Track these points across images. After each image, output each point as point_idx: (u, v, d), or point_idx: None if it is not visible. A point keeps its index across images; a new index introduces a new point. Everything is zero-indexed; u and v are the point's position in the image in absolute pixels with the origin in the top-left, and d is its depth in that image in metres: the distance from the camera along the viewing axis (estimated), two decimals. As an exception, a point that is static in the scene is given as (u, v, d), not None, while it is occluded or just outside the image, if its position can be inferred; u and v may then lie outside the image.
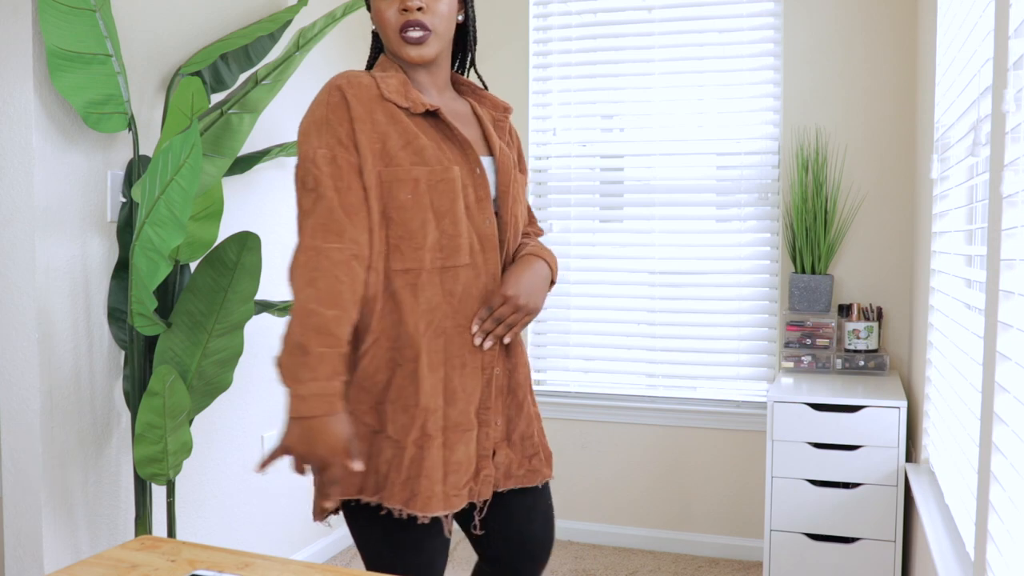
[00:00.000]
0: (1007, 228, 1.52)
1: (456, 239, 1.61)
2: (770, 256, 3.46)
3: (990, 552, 1.57)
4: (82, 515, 2.40)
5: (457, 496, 1.61)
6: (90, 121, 2.25)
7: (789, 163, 3.40)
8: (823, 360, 3.24)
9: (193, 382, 2.38)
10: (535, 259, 1.70)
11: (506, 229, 1.71)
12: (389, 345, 1.60)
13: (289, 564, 1.35)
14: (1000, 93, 1.56)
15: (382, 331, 1.60)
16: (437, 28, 1.63)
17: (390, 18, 1.62)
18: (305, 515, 3.36)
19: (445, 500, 1.59)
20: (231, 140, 2.39)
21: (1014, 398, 1.49)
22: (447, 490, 1.59)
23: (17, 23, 2.21)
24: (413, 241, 1.59)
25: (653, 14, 3.57)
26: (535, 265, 1.68)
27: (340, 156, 1.56)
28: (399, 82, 1.64)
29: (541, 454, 1.76)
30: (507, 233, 1.71)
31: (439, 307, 1.61)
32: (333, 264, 1.51)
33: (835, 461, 2.82)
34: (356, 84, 1.60)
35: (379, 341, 1.60)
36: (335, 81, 1.60)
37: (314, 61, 3.33)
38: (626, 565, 3.42)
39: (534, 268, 1.68)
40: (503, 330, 1.63)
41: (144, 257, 2.13)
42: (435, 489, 1.57)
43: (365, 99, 1.59)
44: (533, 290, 1.65)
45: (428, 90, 1.70)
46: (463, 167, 1.64)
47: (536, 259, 1.70)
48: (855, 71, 3.33)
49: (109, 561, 1.35)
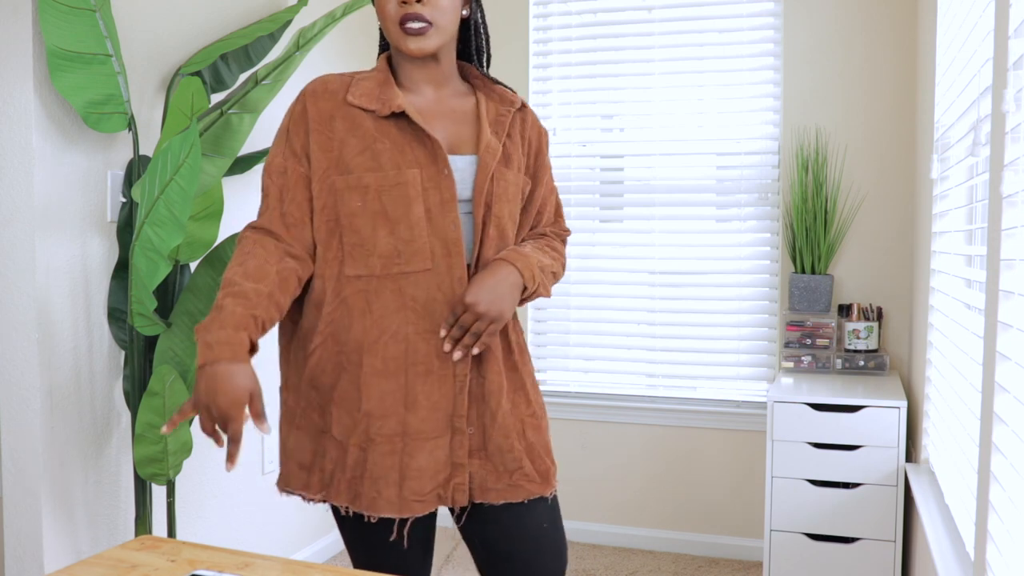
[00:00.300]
0: (1007, 228, 1.52)
1: (413, 244, 1.59)
2: (770, 256, 3.46)
3: (990, 552, 1.57)
4: (82, 515, 2.40)
5: (419, 502, 1.60)
6: (90, 121, 2.25)
7: (789, 163, 3.41)
8: (823, 360, 3.24)
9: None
10: (503, 264, 1.63)
11: (481, 231, 1.65)
12: (336, 349, 1.62)
13: (289, 564, 1.35)
14: (1000, 93, 1.56)
15: (329, 334, 1.61)
16: (438, 21, 1.61)
17: (390, 11, 1.61)
18: (305, 515, 3.36)
19: (400, 504, 1.58)
20: (231, 140, 2.39)
21: (1014, 398, 1.49)
22: (404, 495, 1.58)
23: (17, 23, 2.21)
24: (364, 248, 1.59)
25: (653, 14, 3.57)
26: (501, 271, 1.62)
27: (291, 167, 1.62)
28: (375, 83, 1.64)
29: (527, 468, 1.67)
30: (483, 235, 1.65)
31: (398, 313, 1.59)
32: (267, 252, 1.57)
33: (835, 461, 2.82)
34: (322, 92, 1.62)
35: (326, 343, 1.62)
36: (305, 88, 1.65)
37: (314, 61, 3.33)
38: (626, 565, 3.42)
39: (499, 274, 1.61)
40: (469, 339, 1.59)
41: (144, 257, 2.13)
42: (382, 492, 1.58)
43: (327, 108, 1.61)
44: (495, 296, 1.59)
45: (421, 86, 1.68)
46: (428, 169, 1.60)
47: (504, 264, 1.63)
48: (855, 71, 3.33)
49: (109, 561, 1.35)
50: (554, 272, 1.76)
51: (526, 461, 1.67)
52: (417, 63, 1.67)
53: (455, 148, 1.68)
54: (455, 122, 1.69)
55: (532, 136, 1.77)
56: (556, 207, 1.86)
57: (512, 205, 1.69)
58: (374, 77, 1.65)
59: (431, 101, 1.69)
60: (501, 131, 1.70)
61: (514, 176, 1.69)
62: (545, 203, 1.82)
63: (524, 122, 1.76)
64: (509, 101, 1.73)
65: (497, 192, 1.66)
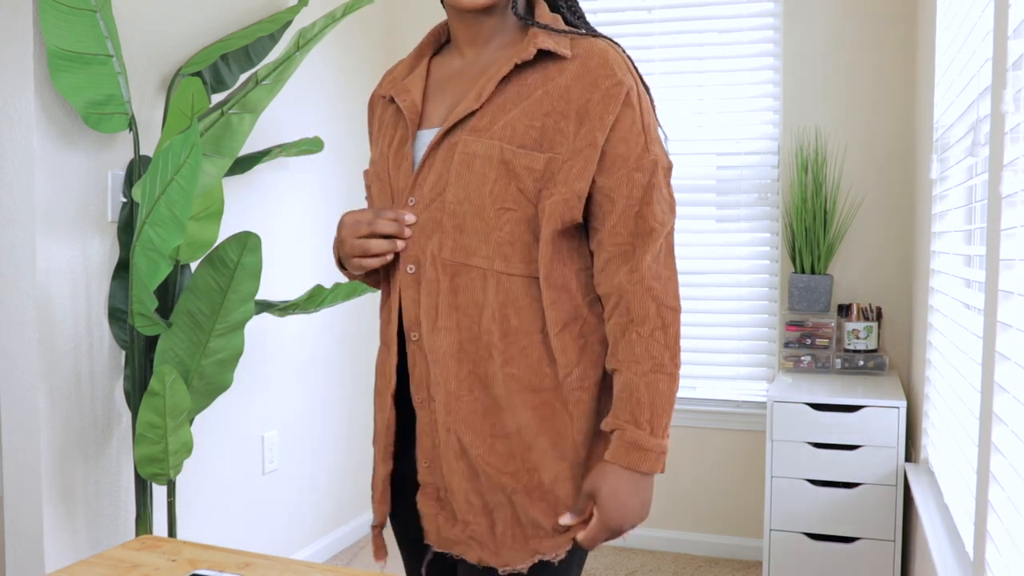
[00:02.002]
0: (1006, 228, 1.52)
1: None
2: (770, 256, 3.46)
3: (989, 552, 1.58)
4: (82, 515, 2.40)
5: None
6: (90, 121, 2.25)
7: (789, 163, 3.41)
8: (823, 360, 3.24)
9: (193, 382, 2.38)
10: (631, 476, 1.28)
11: (427, 230, 1.33)
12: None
13: (289, 564, 1.35)
14: (999, 93, 1.56)
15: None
16: None
17: None
18: (305, 515, 3.36)
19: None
20: (231, 140, 2.39)
21: (1013, 398, 1.49)
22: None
23: (17, 23, 2.21)
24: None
25: (653, 14, 3.57)
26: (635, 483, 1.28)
27: (369, 175, 1.48)
28: (406, 63, 1.45)
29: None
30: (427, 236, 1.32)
31: (387, 325, 1.43)
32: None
33: (835, 461, 2.82)
34: (379, 84, 1.49)
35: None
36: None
37: (314, 61, 3.33)
38: (626, 565, 3.43)
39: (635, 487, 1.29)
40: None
41: (144, 257, 2.13)
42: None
43: (374, 104, 1.50)
44: (639, 511, 1.30)
45: (464, 49, 1.40)
46: (399, 151, 1.38)
47: (634, 477, 1.28)
48: (855, 71, 3.34)
49: (110, 561, 1.35)
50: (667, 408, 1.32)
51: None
52: (466, 19, 1.38)
53: (442, 121, 1.38)
54: (475, 86, 1.37)
55: (578, 91, 1.29)
56: (641, 205, 1.30)
57: (487, 187, 1.29)
58: (411, 55, 1.47)
59: (466, 66, 1.40)
60: (486, 87, 1.32)
61: (491, 148, 1.29)
62: (613, 194, 1.30)
63: (563, 73, 1.30)
64: (522, 49, 1.32)
65: (456, 172, 1.30)
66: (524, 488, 1.32)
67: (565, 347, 1.31)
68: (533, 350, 1.31)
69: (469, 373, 1.31)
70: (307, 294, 2.62)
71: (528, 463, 1.31)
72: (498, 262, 1.30)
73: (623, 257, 1.30)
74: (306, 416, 3.35)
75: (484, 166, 1.28)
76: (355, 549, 3.58)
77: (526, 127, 1.28)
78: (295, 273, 3.27)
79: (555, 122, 1.29)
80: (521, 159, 1.28)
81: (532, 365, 1.31)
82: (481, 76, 1.36)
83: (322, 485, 3.46)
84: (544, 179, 1.29)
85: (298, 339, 3.29)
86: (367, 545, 3.61)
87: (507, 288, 1.30)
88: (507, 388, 1.30)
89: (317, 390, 3.41)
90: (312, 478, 3.39)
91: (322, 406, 3.45)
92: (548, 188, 1.29)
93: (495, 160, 1.28)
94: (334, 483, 3.54)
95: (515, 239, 1.30)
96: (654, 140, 1.32)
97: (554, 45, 1.30)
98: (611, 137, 1.29)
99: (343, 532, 3.59)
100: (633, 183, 1.29)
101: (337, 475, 3.55)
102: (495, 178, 1.28)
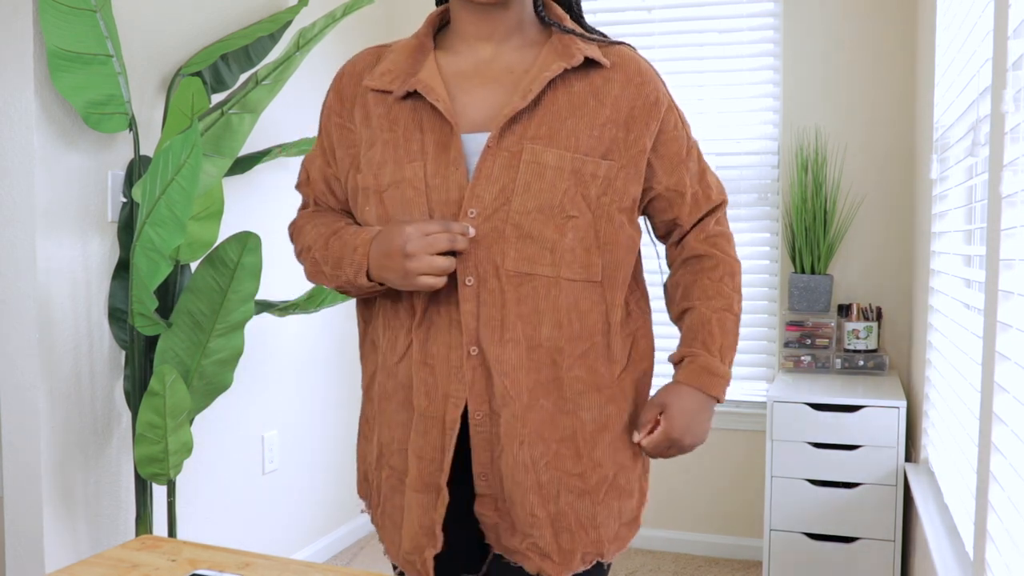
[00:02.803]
0: (1006, 228, 1.52)
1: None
2: (770, 256, 3.46)
3: (989, 552, 1.58)
4: (83, 515, 2.40)
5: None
6: (91, 121, 2.25)
7: (789, 163, 3.41)
8: (822, 360, 3.24)
9: (193, 382, 2.38)
10: (700, 397, 1.38)
11: (487, 240, 1.28)
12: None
13: (289, 564, 1.35)
14: (999, 93, 1.56)
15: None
16: None
17: None
18: (305, 515, 3.36)
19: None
20: (231, 140, 2.39)
21: (1013, 398, 1.49)
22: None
23: (17, 23, 2.21)
24: None
25: (653, 14, 3.57)
26: (702, 403, 1.38)
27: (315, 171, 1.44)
28: (407, 52, 1.36)
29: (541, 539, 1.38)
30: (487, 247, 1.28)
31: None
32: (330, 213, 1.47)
33: (835, 461, 2.82)
34: (348, 74, 1.40)
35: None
36: (340, 69, 1.42)
37: (314, 61, 3.33)
38: (625, 565, 3.43)
39: (701, 406, 1.39)
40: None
41: (144, 257, 2.13)
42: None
43: (350, 93, 1.39)
44: (700, 431, 1.39)
45: (475, 44, 1.36)
46: (435, 160, 1.29)
47: (703, 398, 1.38)
48: (855, 71, 3.34)
49: (110, 561, 1.35)
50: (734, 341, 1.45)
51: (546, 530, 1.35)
52: (478, 12, 1.34)
53: (485, 124, 1.31)
54: (503, 86, 1.33)
55: (626, 101, 1.34)
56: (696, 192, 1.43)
57: (557, 197, 1.28)
58: (408, 45, 1.37)
59: (482, 63, 1.35)
60: (532, 87, 1.29)
61: (563, 159, 1.29)
62: (680, 187, 1.41)
63: (609, 83, 1.33)
64: (567, 54, 1.31)
65: (524, 182, 1.27)
66: (592, 487, 1.35)
67: (619, 345, 1.37)
68: (593, 351, 1.34)
69: (535, 382, 1.31)
70: (307, 294, 2.62)
71: (593, 460, 1.35)
72: (563, 269, 1.31)
73: (698, 229, 1.45)
74: (306, 416, 3.35)
75: (555, 176, 1.28)
76: (355, 549, 3.58)
77: (588, 136, 1.30)
78: (295, 273, 3.27)
79: (612, 132, 1.32)
80: (589, 167, 1.30)
81: (593, 366, 1.34)
82: (508, 74, 1.34)
83: (322, 485, 3.46)
84: (604, 185, 1.32)
85: (298, 339, 3.29)
86: (367, 545, 3.61)
87: (569, 294, 1.31)
88: (572, 391, 1.33)
89: (317, 390, 3.41)
90: (312, 478, 3.39)
91: (322, 406, 3.45)
92: (607, 194, 1.32)
93: (567, 171, 1.29)
94: (334, 483, 3.54)
95: (575, 245, 1.31)
96: (689, 129, 1.46)
97: (596, 53, 1.33)
98: (661, 139, 1.38)
99: (343, 532, 3.59)
100: (691, 173, 1.43)
101: (337, 475, 3.55)
102: (565, 188, 1.29)
